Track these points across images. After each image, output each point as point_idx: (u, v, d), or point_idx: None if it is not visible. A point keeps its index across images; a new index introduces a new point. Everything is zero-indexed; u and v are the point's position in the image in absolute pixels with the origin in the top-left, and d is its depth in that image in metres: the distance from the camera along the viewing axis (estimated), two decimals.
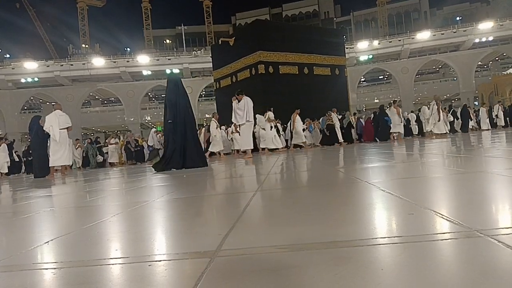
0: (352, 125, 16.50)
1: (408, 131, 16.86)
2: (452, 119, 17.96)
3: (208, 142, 12.82)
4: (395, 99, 20.39)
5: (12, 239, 1.77)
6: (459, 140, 9.35)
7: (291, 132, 14.06)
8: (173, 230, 1.63)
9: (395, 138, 14.21)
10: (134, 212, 2.20)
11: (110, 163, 16.92)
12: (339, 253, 1.04)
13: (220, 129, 13.32)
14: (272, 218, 1.70)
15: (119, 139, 17.99)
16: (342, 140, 14.81)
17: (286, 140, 15.05)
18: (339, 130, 14.94)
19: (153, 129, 16.61)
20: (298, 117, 13.26)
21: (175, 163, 6.52)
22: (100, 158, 17.07)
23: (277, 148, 12.16)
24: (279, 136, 13.52)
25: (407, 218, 1.39)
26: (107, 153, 17.34)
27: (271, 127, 12.07)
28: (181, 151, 6.57)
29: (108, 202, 3.08)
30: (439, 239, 1.08)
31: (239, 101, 9.31)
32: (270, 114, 12.19)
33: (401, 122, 14.64)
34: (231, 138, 13.84)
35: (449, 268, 0.87)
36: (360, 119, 17.79)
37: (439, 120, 12.40)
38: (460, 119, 18.46)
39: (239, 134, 10.38)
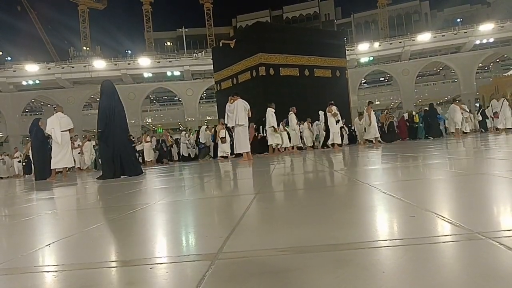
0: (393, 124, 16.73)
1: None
2: (481, 118, 18.28)
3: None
4: (458, 98, 20.37)
5: (13, 241, 1.77)
6: None
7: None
8: (174, 232, 1.63)
9: (457, 133, 14.60)
10: (135, 214, 2.20)
11: (145, 161, 16.30)
12: (340, 256, 1.04)
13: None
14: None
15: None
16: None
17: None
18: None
19: (204, 126, 16.25)
20: (372, 112, 13.15)
21: (116, 171, 6.39)
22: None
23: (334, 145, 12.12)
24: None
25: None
26: (140, 151, 16.73)
27: (337, 121, 12.20)
28: (120, 159, 6.45)
29: (111, 204, 3.07)
30: (441, 242, 1.08)
31: (233, 103, 9.38)
32: (335, 108, 12.27)
33: (462, 119, 15.09)
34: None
35: (451, 271, 0.87)
36: (395, 118, 17.97)
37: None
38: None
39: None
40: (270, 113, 12.19)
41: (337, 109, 12.46)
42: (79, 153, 16.51)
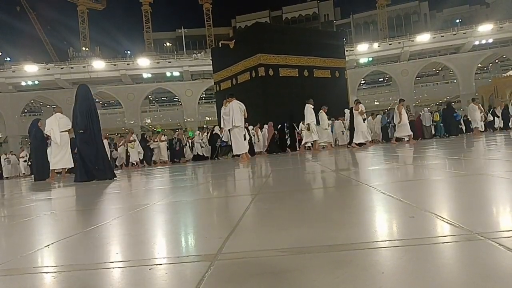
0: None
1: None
2: (492, 118, 18.45)
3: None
4: (476, 98, 20.43)
5: (12, 242, 1.77)
6: None
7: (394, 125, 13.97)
8: (173, 233, 1.63)
9: (477, 131, 14.89)
10: (135, 215, 2.20)
11: (161, 161, 16.05)
12: (339, 256, 1.04)
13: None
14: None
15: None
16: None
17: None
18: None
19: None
20: (403, 110, 13.08)
21: (90, 173, 6.34)
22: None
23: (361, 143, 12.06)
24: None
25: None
26: (153, 149, 16.35)
27: (364, 119, 12.18)
28: (95, 161, 6.42)
29: (109, 205, 3.07)
30: (440, 242, 1.08)
31: (227, 105, 9.32)
32: (362, 107, 12.23)
33: (481, 119, 15.49)
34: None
35: (450, 271, 0.87)
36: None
37: None
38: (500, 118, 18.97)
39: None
40: (309, 109, 11.93)
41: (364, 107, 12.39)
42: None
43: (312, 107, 12.04)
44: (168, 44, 54.68)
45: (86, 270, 1.13)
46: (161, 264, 1.12)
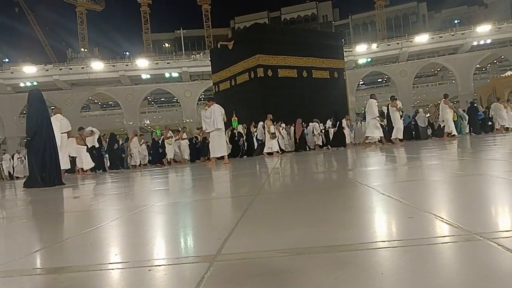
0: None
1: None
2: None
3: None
4: (500, 97, 20.72)
5: (12, 243, 1.76)
6: None
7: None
8: (172, 234, 1.62)
9: (502, 129, 15.51)
10: (134, 216, 2.20)
11: (175, 160, 15.32)
12: (339, 257, 1.04)
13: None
14: (276, 221, 1.70)
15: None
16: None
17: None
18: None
19: (261, 123, 15.37)
20: (447, 106, 13.05)
21: (44, 179, 6.21)
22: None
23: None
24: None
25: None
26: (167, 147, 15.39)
27: (401, 116, 12.24)
28: (50, 167, 6.32)
29: (108, 206, 3.07)
30: (439, 243, 1.08)
31: (208, 109, 9.48)
32: (399, 103, 12.27)
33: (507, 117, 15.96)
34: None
35: (449, 272, 0.87)
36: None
37: None
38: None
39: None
40: (374, 104, 11.86)
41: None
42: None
43: (376, 102, 11.96)
44: (167, 45, 54.69)
45: (86, 271, 1.13)
46: (160, 265, 1.12)
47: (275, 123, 14.24)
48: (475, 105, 17.27)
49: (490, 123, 16.82)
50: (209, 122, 9.32)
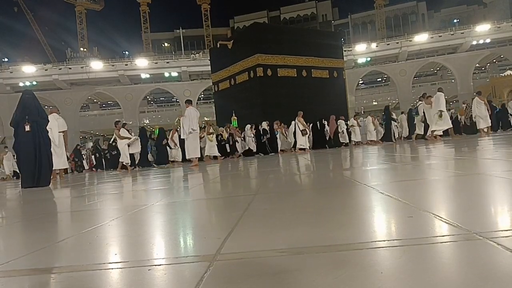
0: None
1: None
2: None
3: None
4: None
5: (11, 243, 1.76)
6: None
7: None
8: (172, 234, 1.62)
9: None
10: (133, 216, 2.19)
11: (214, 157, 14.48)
12: (338, 257, 1.04)
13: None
14: (272, 221, 1.70)
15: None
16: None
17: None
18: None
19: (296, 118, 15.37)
20: (483, 102, 13.08)
21: (36, 179, 6.21)
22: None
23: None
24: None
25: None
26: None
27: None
28: (43, 167, 6.31)
29: (108, 206, 3.07)
30: (438, 242, 1.08)
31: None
32: (434, 100, 12.13)
33: None
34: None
35: (449, 271, 0.87)
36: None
37: None
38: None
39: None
40: (442, 97, 11.74)
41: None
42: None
43: (444, 95, 11.88)
44: (166, 44, 54.62)
45: (85, 271, 1.13)
46: (160, 265, 1.12)
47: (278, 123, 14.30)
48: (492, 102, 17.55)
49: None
50: (186, 123, 9.39)
